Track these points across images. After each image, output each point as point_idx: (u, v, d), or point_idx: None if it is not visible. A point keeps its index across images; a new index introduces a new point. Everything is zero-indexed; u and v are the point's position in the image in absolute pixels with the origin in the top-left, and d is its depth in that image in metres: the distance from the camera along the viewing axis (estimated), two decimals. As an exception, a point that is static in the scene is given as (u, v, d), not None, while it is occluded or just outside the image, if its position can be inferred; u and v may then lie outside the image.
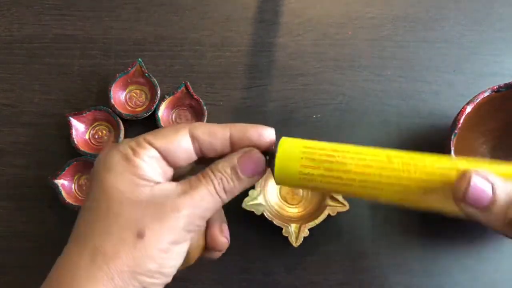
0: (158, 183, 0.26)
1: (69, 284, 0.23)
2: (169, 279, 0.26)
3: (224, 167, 0.27)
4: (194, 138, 0.27)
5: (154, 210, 0.25)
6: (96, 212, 0.25)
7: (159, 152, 0.27)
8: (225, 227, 0.30)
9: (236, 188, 0.27)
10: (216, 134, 0.28)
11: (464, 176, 0.24)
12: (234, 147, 0.28)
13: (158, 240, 0.25)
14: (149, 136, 0.27)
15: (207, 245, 0.30)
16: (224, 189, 0.27)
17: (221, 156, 0.28)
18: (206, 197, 0.26)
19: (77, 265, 0.24)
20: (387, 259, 0.43)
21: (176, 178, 0.29)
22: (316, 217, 0.42)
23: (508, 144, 0.45)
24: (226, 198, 0.27)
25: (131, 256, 0.24)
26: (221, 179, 0.27)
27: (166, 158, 0.27)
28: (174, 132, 0.27)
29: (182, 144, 0.27)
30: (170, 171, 0.28)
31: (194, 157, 0.28)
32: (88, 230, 0.25)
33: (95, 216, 0.25)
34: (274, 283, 0.43)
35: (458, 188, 0.24)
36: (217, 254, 0.31)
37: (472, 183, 0.23)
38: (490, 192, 0.24)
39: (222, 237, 0.30)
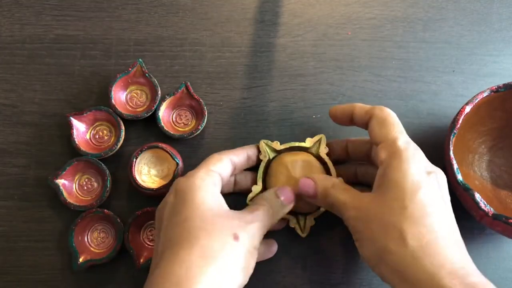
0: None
1: (184, 274, 0.29)
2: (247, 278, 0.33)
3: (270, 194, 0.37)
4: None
5: (239, 221, 0.33)
6: (192, 223, 0.32)
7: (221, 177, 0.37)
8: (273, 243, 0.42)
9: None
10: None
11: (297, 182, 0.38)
12: None
13: (249, 242, 0.33)
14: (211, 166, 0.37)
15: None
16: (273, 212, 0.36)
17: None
18: (266, 215, 0.35)
19: (188, 260, 0.30)
20: (387, 259, 0.43)
21: None
22: (319, 207, 0.41)
23: (507, 144, 0.45)
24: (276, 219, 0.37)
25: (233, 252, 0.31)
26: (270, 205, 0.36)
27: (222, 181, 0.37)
28: (219, 160, 0.37)
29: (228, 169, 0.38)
30: None
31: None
32: (191, 236, 0.31)
33: (193, 225, 0.32)
34: (274, 283, 0.43)
35: (297, 189, 0.38)
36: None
37: (299, 183, 0.37)
38: (311, 184, 0.37)
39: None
